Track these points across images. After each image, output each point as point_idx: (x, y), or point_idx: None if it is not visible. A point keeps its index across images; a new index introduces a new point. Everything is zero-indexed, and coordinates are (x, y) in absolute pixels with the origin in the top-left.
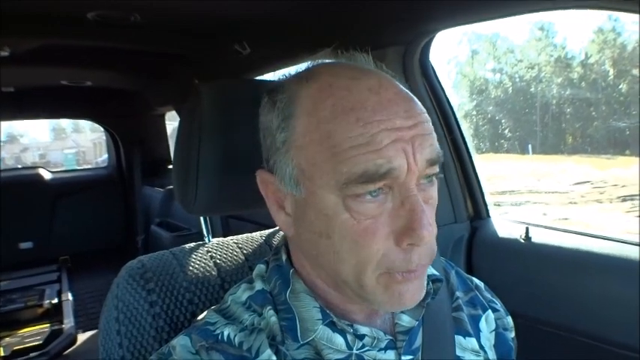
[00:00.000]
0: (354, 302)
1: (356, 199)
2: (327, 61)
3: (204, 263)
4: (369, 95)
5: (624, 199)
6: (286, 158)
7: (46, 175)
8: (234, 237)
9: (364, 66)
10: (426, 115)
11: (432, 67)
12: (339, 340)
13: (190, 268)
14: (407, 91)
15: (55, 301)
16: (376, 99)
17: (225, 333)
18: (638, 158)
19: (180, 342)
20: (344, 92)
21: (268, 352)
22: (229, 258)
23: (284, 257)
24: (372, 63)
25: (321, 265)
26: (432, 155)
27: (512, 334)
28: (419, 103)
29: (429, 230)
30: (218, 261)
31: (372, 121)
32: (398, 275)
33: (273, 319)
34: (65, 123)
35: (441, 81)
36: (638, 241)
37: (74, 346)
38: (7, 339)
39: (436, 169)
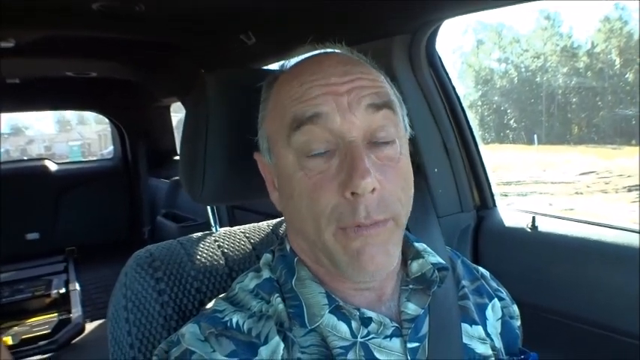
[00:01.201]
0: (346, 282)
1: (306, 156)
2: (316, 52)
3: (212, 252)
4: (313, 64)
5: (630, 189)
6: (262, 132)
7: (52, 167)
8: (242, 227)
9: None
10: (375, 74)
11: (439, 57)
12: (343, 327)
13: (198, 257)
14: (355, 57)
15: (63, 290)
16: (317, 65)
17: (234, 320)
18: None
19: (190, 329)
20: (296, 67)
21: (277, 338)
22: (237, 247)
23: (288, 247)
24: (348, 52)
25: (297, 230)
26: (373, 100)
27: (519, 323)
28: (367, 65)
29: (366, 177)
30: (226, 250)
31: (308, 80)
32: (351, 231)
33: (281, 306)
34: (70, 115)
35: (447, 70)
36: None
37: (82, 335)
38: (16, 328)
39: (388, 116)
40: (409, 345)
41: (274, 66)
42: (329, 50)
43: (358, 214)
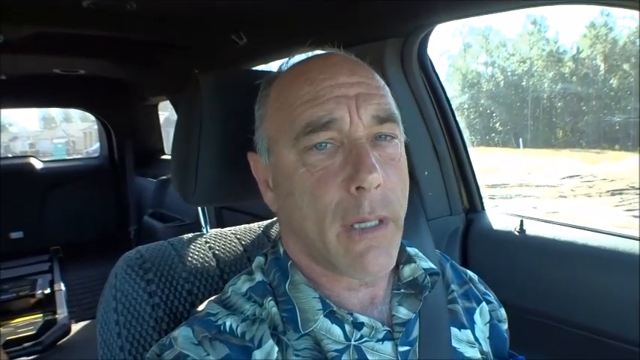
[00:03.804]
0: (341, 281)
1: (308, 153)
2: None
3: (203, 254)
4: (317, 61)
5: (613, 192)
6: (261, 131)
7: (38, 165)
8: (232, 228)
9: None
10: (377, 80)
11: (430, 60)
12: (337, 331)
13: (189, 258)
14: (357, 60)
15: (48, 291)
16: (322, 62)
17: (228, 324)
18: (627, 153)
19: (182, 333)
20: (300, 65)
21: (270, 342)
22: (228, 249)
23: (281, 250)
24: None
25: (294, 230)
26: (378, 112)
27: (506, 326)
28: (369, 69)
29: (373, 172)
30: (217, 252)
31: (318, 78)
32: (355, 234)
33: (274, 309)
34: (55, 112)
35: (438, 74)
36: (630, 234)
37: (68, 336)
38: (0, 329)
39: (391, 128)
40: (400, 348)
41: (265, 67)
42: (330, 51)
43: (363, 209)
